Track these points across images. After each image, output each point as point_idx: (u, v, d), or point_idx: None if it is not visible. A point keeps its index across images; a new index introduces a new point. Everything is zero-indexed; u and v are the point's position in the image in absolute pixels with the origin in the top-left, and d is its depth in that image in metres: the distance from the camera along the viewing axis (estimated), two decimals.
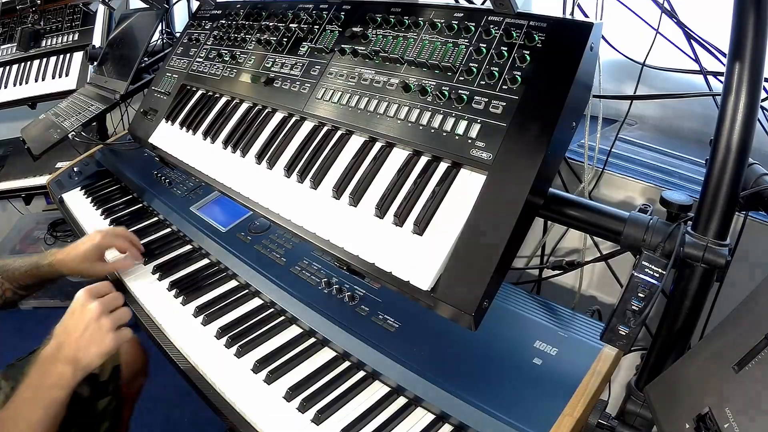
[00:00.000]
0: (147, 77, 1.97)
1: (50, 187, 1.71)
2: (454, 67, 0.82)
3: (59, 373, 0.86)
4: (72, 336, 0.90)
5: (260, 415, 0.88)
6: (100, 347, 0.90)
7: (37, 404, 0.84)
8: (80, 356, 0.88)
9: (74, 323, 0.92)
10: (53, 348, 0.89)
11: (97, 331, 0.90)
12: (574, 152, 1.30)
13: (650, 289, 0.69)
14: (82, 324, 0.91)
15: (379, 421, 0.86)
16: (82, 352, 0.88)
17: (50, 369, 0.87)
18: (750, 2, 0.63)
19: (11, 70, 2.38)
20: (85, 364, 0.89)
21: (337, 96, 0.95)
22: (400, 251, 0.75)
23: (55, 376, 0.86)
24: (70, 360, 0.87)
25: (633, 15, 1.20)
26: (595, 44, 0.74)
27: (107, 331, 0.91)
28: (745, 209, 0.82)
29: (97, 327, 0.91)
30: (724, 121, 0.67)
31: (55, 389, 0.85)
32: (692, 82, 1.24)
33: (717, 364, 0.61)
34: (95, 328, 0.90)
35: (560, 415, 0.78)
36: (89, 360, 0.89)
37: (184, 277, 1.23)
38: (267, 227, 1.28)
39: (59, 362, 0.87)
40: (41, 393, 0.85)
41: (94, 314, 0.91)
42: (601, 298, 1.33)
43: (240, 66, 1.19)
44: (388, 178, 0.84)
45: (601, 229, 0.79)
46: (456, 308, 0.69)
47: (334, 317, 1.02)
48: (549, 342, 0.89)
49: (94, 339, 0.90)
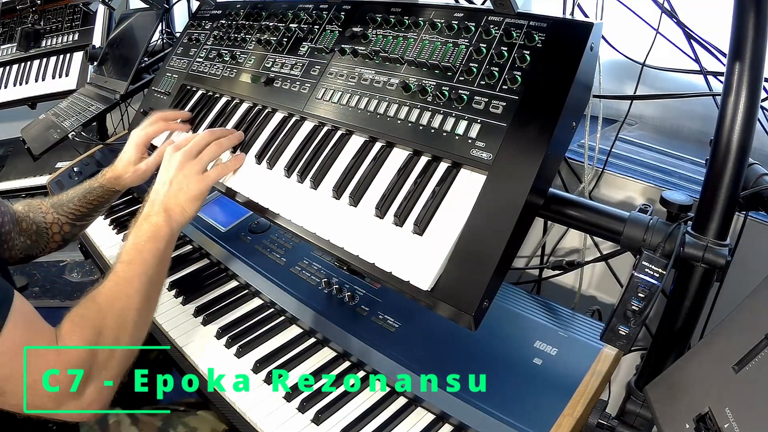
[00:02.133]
0: (147, 77, 1.97)
1: (50, 187, 1.71)
2: (454, 67, 0.82)
3: (153, 225, 0.89)
4: (161, 191, 0.93)
5: (260, 415, 0.88)
6: (187, 193, 0.93)
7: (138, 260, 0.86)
8: (170, 205, 0.91)
9: (162, 179, 0.95)
10: (147, 208, 0.92)
11: (183, 178, 0.93)
12: (574, 152, 1.30)
13: (650, 289, 0.69)
14: (169, 177, 0.94)
15: (379, 421, 0.87)
16: (171, 201, 0.91)
17: (144, 226, 0.89)
18: (750, 2, 0.63)
19: (11, 70, 2.38)
20: (179, 212, 0.92)
21: (337, 96, 0.95)
22: (400, 251, 0.75)
23: (150, 230, 0.88)
24: (161, 211, 0.90)
25: (633, 15, 1.20)
26: (595, 44, 0.74)
27: (194, 174, 0.94)
28: (745, 209, 0.82)
29: (183, 175, 0.93)
30: (724, 121, 0.66)
31: (152, 242, 0.87)
32: (692, 82, 1.24)
33: (717, 364, 0.61)
34: (181, 177, 0.93)
35: (560, 415, 0.78)
36: (181, 207, 0.92)
37: (185, 277, 1.23)
38: (267, 227, 1.29)
39: (152, 216, 0.90)
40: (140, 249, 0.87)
41: (177, 164, 0.95)
42: (601, 298, 1.33)
43: (240, 66, 1.19)
44: (388, 178, 0.84)
45: (601, 229, 0.79)
46: (456, 308, 0.69)
47: (334, 317, 1.02)
48: (549, 342, 0.89)
49: (181, 187, 0.93)
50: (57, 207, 1.16)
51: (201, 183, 0.94)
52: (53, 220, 1.13)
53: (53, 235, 1.13)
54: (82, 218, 1.18)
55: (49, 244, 1.13)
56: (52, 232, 1.13)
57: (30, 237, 1.08)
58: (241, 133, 1.06)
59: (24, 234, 1.07)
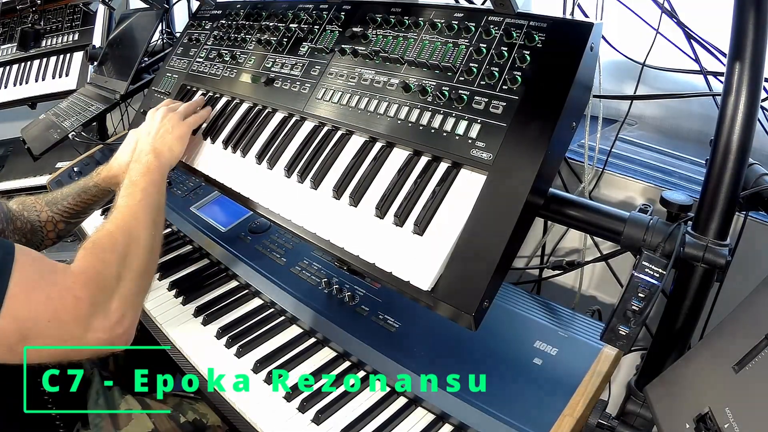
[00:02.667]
0: (147, 77, 1.97)
1: (50, 187, 1.71)
2: (454, 67, 0.82)
3: (145, 164, 0.97)
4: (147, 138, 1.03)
5: (260, 415, 0.88)
6: (173, 133, 1.04)
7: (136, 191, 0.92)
8: (158, 146, 1.02)
9: (147, 129, 1.07)
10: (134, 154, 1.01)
11: (168, 122, 1.06)
12: (574, 152, 1.30)
13: (650, 289, 0.69)
14: (155, 125, 1.06)
15: (379, 421, 0.87)
16: (158, 143, 1.02)
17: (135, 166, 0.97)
18: (750, 2, 0.63)
19: (11, 70, 2.38)
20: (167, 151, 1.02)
21: (338, 96, 0.95)
22: (400, 251, 0.75)
23: (143, 168, 0.96)
24: (150, 152, 0.99)
25: (633, 15, 1.20)
26: (595, 44, 0.74)
27: (177, 120, 1.07)
28: (745, 209, 0.82)
29: (167, 120, 1.06)
30: (724, 121, 0.66)
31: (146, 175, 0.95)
32: (692, 82, 1.24)
33: (717, 364, 0.61)
34: (166, 122, 1.06)
35: (560, 415, 0.78)
36: (168, 146, 1.02)
37: (185, 277, 1.23)
38: (267, 227, 1.29)
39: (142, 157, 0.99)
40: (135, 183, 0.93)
41: (161, 114, 1.08)
42: (601, 298, 1.33)
43: (240, 66, 1.19)
44: (389, 178, 0.84)
45: (601, 229, 0.79)
46: (456, 308, 0.69)
47: (334, 317, 1.02)
48: (549, 342, 0.89)
49: (167, 129, 1.05)
50: (51, 205, 1.16)
51: (184, 126, 1.08)
52: (47, 218, 1.14)
53: (48, 233, 1.14)
54: (76, 216, 1.18)
55: (44, 242, 1.14)
56: (46, 230, 1.13)
57: (24, 235, 1.08)
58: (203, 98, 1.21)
59: (18, 232, 1.07)
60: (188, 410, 1.04)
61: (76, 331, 0.71)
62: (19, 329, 0.66)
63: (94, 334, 0.73)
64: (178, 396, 1.07)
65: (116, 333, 0.76)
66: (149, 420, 0.99)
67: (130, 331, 0.79)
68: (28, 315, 0.67)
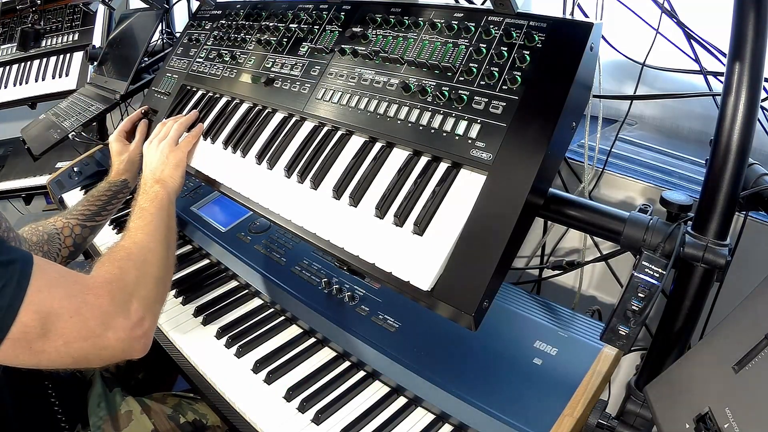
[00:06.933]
0: (147, 77, 1.96)
1: (50, 187, 1.71)
2: (454, 67, 0.82)
3: (152, 194, 1.03)
4: (149, 173, 1.09)
5: (260, 415, 0.88)
6: (170, 163, 1.10)
7: (146, 215, 0.97)
8: (160, 176, 1.08)
9: (147, 165, 1.12)
10: (140, 189, 1.06)
11: (161, 154, 1.11)
12: (574, 152, 1.30)
13: (650, 289, 0.69)
14: (152, 159, 1.12)
15: (379, 421, 0.87)
16: (159, 173, 1.08)
17: (142, 198, 1.03)
18: (750, 2, 0.63)
19: (11, 70, 2.38)
20: (169, 180, 1.07)
21: (338, 96, 0.95)
22: (400, 251, 0.76)
23: (150, 197, 1.02)
24: (154, 183, 1.06)
25: (633, 15, 1.20)
26: (595, 44, 0.74)
27: (168, 148, 1.12)
28: (745, 209, 0.82)
29: (160, 152, 1.12)
30: (724, 121, 0.66)
31: (154, 203, 1.00)
32: (692, 82, 1.24)
33: (717, 364, 0.61)
34: (159, 154, 1.12)
35: (560, 415, 0.78)
36: (169, 175, 1.08)
37: (185, 277, 1.23)
38: (267, 227, 1.29)
39: (148, 189, 1.04)
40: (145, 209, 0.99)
41: (154, 147, 1.14)
42: (601, 298, 1.33)
43: (240, 66, 1.19)
44: (388, 178, 0.84)
45: (601, 229, 0.79)
46: (456, 308, 0.69)
47: (334, 317, 1.02)
48: (549, 342, 0.90)
49: (162, 160, 1.10)
50: (65, 214, 1.19)
51: (177, 152, 1.12)
52: (63, 225, 1.16)
53: (65, 239, 1.15)
54: (91, 217, 1.20)
55: (62, 251, 1.14)
56: (63, 236, 1.15)
57: (41, 248, 1.09)
58: (195, 111, 1.23)
59: (35, 247, 1.08)
60: (188, 410, 1.04)
61: (97, 328, 0.71)
62: (42, 323, 0.66)
63: (114, 333, 0.73)
64: (178, 396, 1.08)
65: (136, 334, 0.76)
66: (149, 420, 0.99)
67: (149, 335, 0.79)
68: (51, 309, 0.67)
